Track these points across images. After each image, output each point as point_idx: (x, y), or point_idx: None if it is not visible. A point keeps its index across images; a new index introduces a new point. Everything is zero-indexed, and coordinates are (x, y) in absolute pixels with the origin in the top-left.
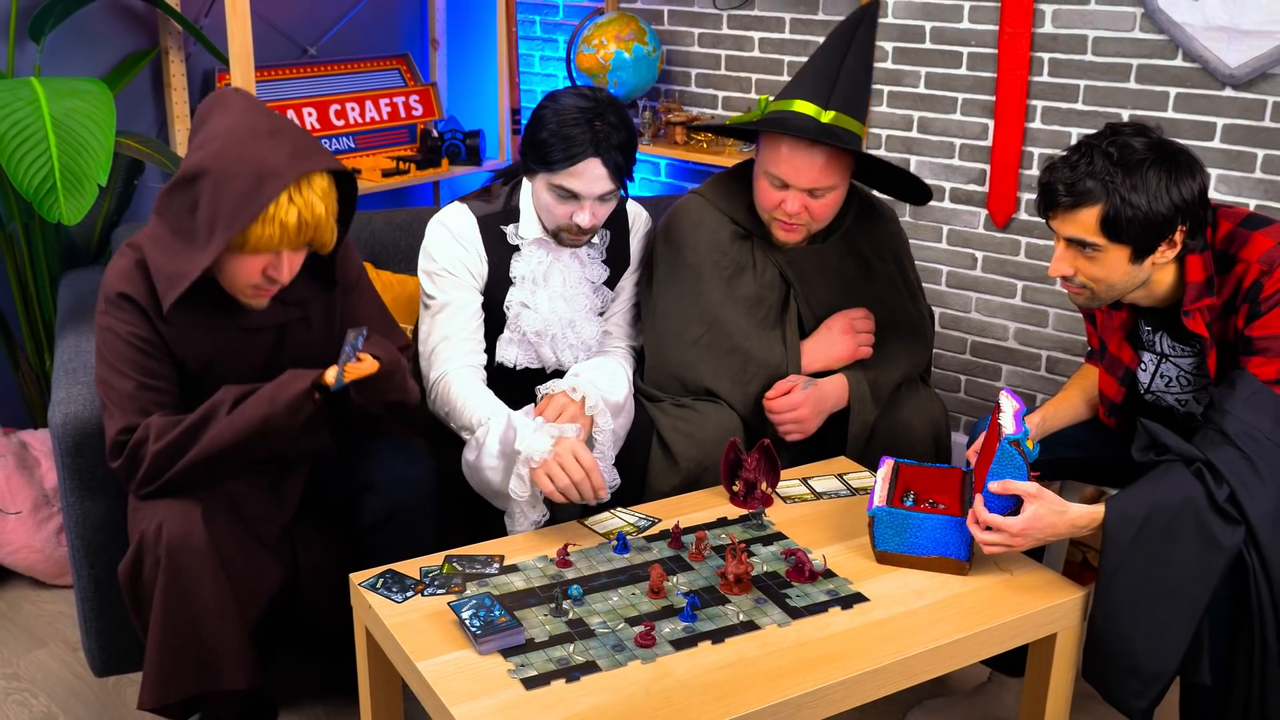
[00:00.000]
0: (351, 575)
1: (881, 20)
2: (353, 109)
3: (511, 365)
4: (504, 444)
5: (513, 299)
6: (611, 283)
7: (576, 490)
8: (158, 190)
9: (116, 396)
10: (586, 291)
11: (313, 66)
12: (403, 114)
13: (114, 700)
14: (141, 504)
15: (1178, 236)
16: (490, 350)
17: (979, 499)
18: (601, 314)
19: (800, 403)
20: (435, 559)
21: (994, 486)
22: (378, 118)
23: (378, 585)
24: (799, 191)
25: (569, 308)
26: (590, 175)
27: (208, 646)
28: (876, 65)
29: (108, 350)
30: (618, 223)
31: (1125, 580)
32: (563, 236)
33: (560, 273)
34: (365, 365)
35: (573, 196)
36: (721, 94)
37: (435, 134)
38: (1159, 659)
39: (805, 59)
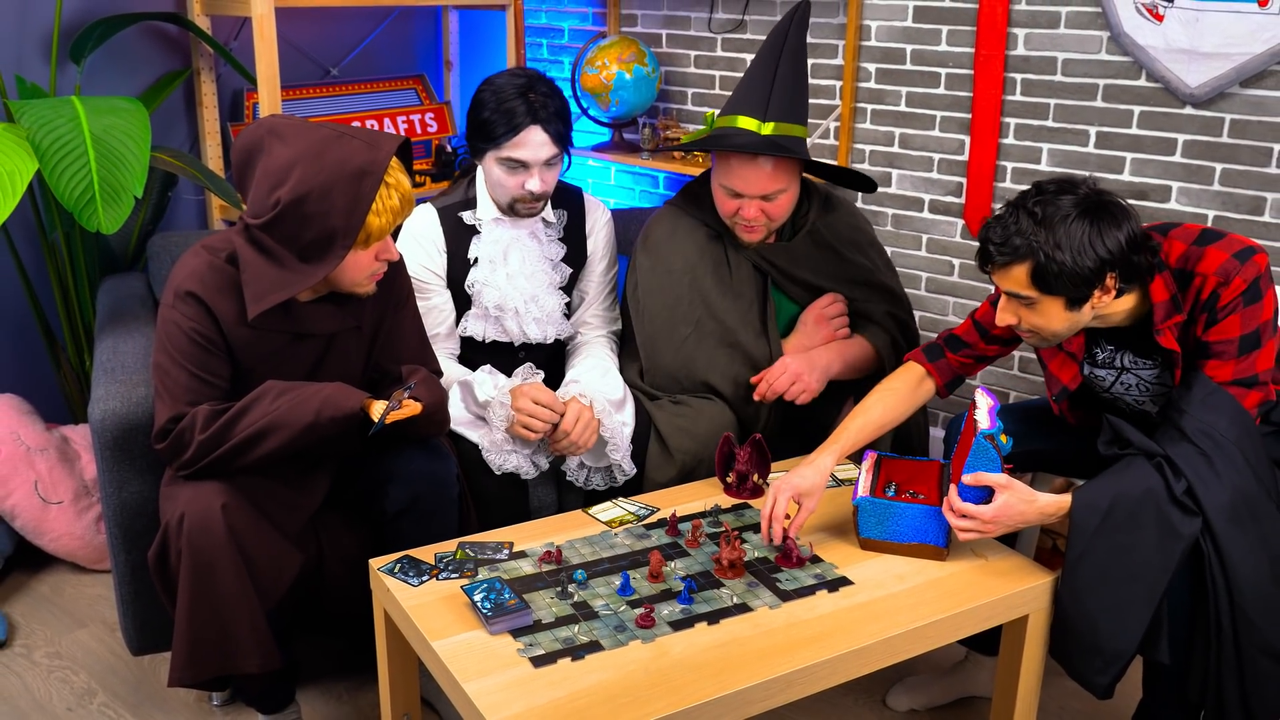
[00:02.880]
0: (371, 561)
1: (865, 43)
2: (371, 125)
3: (480, 339)
4: (466, 403)
5: (474, 278)
6: (570, 260)
7: (560, 428)
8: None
9: (171, 385)
10: (546, 268)
11: (335, 86)
12: (419, 130)
13: (149, 677)
14: (169, 493)
15: (1110, 282)
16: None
17: (954, 489)
18: (563, 289)
19: (787, 365)
20: (449, 545)
21: (967, 479)
22: (395, 134)
23: (395, 570)
24: (752, 198)
25: (530, 284)
26: (534, 142)
27: (227, 632)
28: (861, 85)
29: (169, 341)
30: (573, 205)
31: (1090, 565)
32: (519, 208)
33: (519, 252)
34: (408, 409)
35: (521, 166)
36: (716, 111)
37: (449, 149)
38: (1120, 639)
39: None
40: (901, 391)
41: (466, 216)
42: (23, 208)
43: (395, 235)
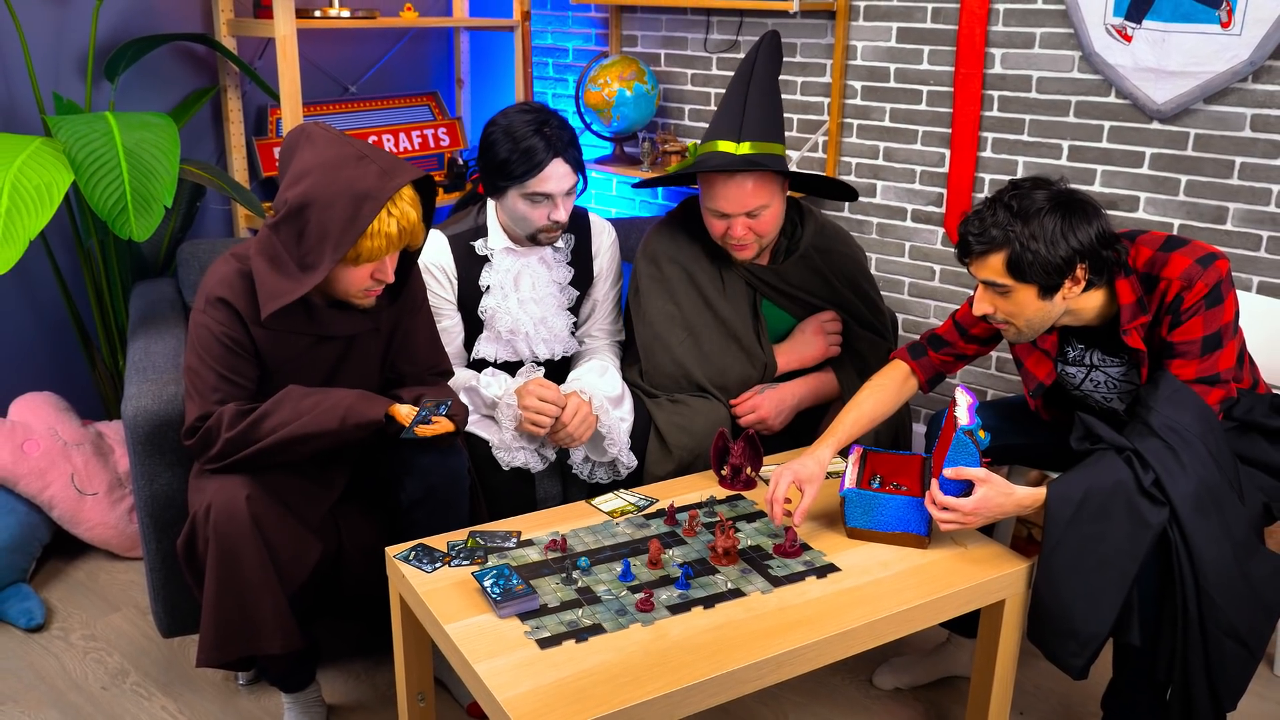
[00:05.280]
0: (387, 549)
1: (851, 62)
2: (388, 139)
3: (493, 360)
4: (474, 405)
5: (486, 305)
6: (578, 282)
7: (560, 420)
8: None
9: (201, 385)
10: (554, 291)
11: (353, 102)
12: (432, 144)
13: (179, 658)
14: (197, 485)
15: (1080, 274)
16: (469, 348)
17: (935, 483)
18: (571, 309)
19: (759, 404)
20: (460, 534)
21: (948, 473)
22: (410, 147)
23: (410, 557)
24: (739, 217)
25: (539, 308)
26: (557, 175)
27: (251, 615)
28: (847, 102)
29: (200, 344)
30: (580, 228)
31: (1064, 554)
32: (541, 237)
33: (529, 277)
34: (440, 426)
35: (546, 198)
36: (698, 141)
37: (460, 162)
38: (1094, 623)
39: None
40: (890, 387)
41: (478, 246)
42: (60, 217)
43: (416, 258)
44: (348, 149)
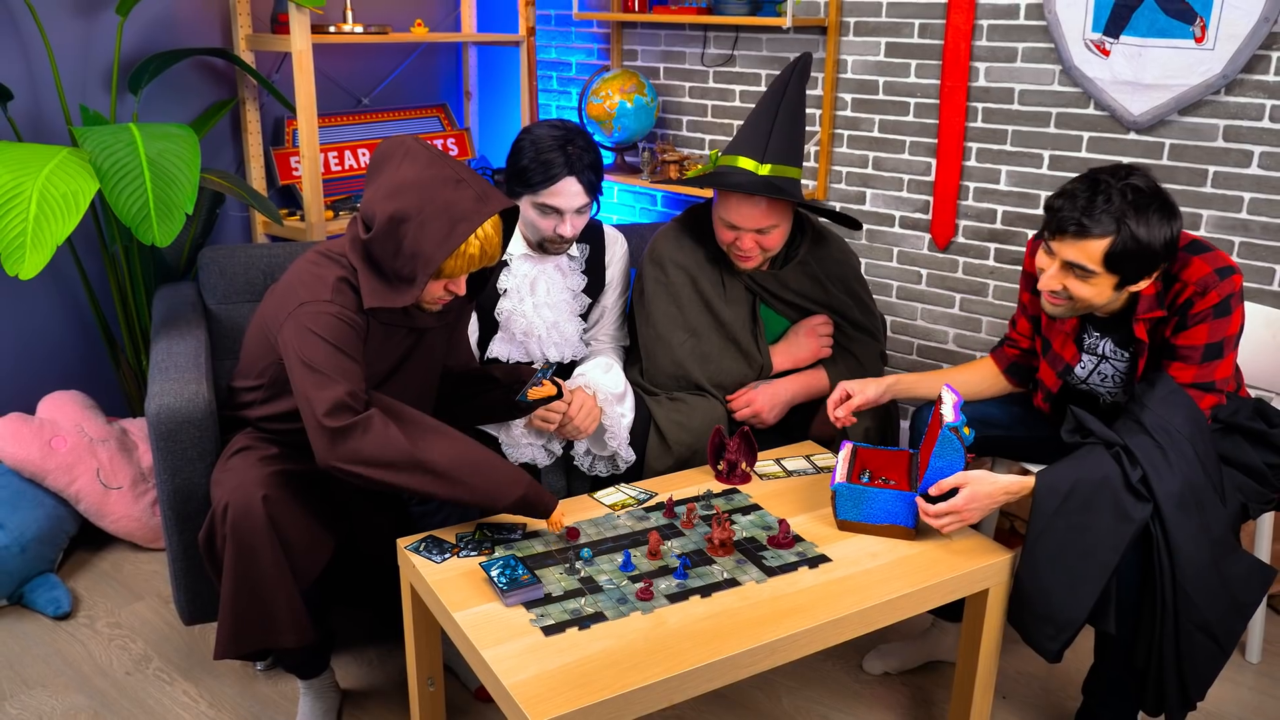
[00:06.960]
0: (399, 540)
1: (842, 75)
2: None
3: (505, 360)
4: None
5: (502, 307)
6: (590, 290)
7: (566, 414)
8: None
9: (336, 365)
10: (568, 298)
11: (365, 114)
12: None
13: (199, 645)
14: (218, 480)
15: (1157, 272)
16: (484, 348)
17: (922, 501)
18: (582, 316)
19: (754, 398)
20: (468, 526)
21: (930, 490)
22: None
23: (420, 548)
24: (749, 232)
25: (553, 312)
26: (568, 192)
27: (267, 611)
28: (838, 113)
29: (325, 330)
30: (595, 239)
31: (1048, 542)
32: (547, 246)
33: (545, 282)
34: (545, 390)
35: (555, 211)
36: (708, 137)
37: None
38: (1071, 609)
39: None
40: (979, 370)
41: None
42: (86, 224)
43: (495, 272)
44: (446, 170)
